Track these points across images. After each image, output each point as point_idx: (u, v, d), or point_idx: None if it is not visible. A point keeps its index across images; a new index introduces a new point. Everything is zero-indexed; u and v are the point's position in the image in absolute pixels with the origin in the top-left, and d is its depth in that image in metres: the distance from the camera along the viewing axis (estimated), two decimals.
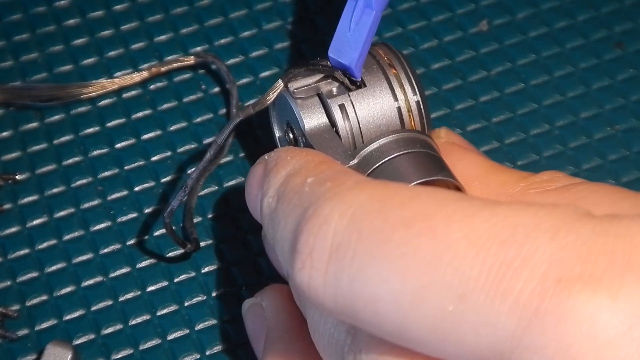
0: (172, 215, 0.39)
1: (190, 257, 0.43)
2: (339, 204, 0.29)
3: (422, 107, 0.38)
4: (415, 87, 0.38)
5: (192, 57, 0.46)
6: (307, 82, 0.38)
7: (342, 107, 0.37)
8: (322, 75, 0.38)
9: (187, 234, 0.42)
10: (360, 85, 0.38)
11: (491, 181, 0.37)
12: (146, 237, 0.43)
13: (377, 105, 0.38)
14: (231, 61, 0.47)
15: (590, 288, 0.25)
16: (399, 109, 0.38)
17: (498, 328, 0.26)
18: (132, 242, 0.43)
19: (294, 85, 0.38)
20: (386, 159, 0.36)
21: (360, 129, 0.37)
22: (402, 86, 0.38)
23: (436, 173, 0.36)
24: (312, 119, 0.37)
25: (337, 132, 0.37)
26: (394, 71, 0.38)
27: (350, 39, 0.37)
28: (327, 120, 0.37)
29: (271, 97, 0.37)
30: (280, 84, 0.37)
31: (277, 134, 0.41)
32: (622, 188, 0.34)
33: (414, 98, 0.38)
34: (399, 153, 0.36)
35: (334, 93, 0.37)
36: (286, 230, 0.30)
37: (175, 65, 0.47)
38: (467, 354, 0.27)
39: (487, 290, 0.26)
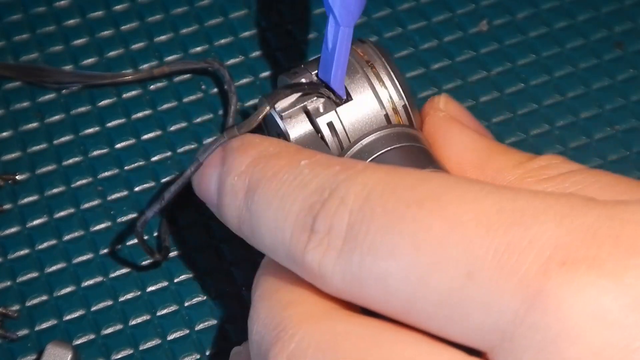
0: (145, 226, 0.39)
1: (161, 266, 0.43)
2: (353, 185, 0.29)
3: (409, 109, 0.38)
4: (401, 90, 0.38)
5: (200, 62, 0.46)
6: (294, 100, 0.38)
7: (330, 125, 0.37)
8: (308, 93, 0.38)
9: (160, 241, 0.42)
10: (346, 98, 0.38)
11: (487, 167, 0.37)
12: (146, 237, 0.43)
13: (365, 117, 0.38)
14: (231, 61, 0.48)
15: (594, 271, 0.26)
16: (386, 116, 0.38)
17: (502, 307, 0.26)
18: (132, 242, 0.43)
19: (280, 106, 0.37)
20: (371, 157, 0.36)
21: (348, 138, 0.37)
22: (389, 97, 0.38)
23: (425, 166, 0.36)
24: (298, 130, 0.37)
25: (322, 138, 0.37)
26: (374, 69, 0.38)
27: (329, 57, 0.37)
28: (313, 129, 0.37)
29: (257, 119, 0.37)
30: (266, 106, 0.37)
31: None
32: (620, 176, 0.34)
33: (400, 103, 0.38)
34: (384, 150, 0.36)
35: (321, 110, 0.37)
36: (287, 211, 0.30)
37: (182, 67, 0.47)
38: (472, 332, 0.27)
39: (493, 269, 0.26)
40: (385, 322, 0.29)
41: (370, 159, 0.36)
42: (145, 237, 0.43)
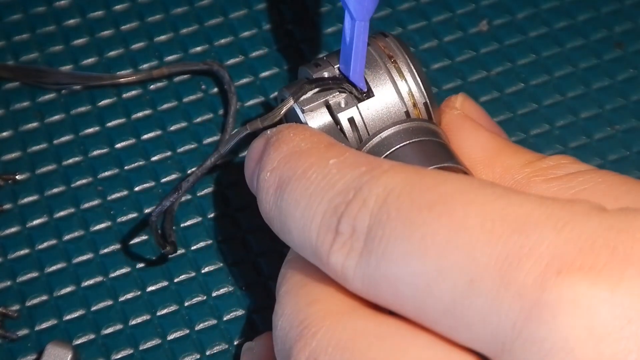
0: (160, 215, 0.39)
1: (168, 260, 0.43)
2: (375, 186, 0.29)
3: (429, 105, 0.38)
4: (421, 86, 0.38)
5: (199, 64, 0.46)
6: (315, 94, 0.38)
7: (351, 120, 0.37)
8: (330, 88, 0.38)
9: (166, 236, 0.42)
10: (368, 94, 0.38)
11: (497, 165, 0.37)
12: (146, 237, 0.43)
13: (386, 114, 0.38)
14: (231, 61, 0.48)
15: (589, 280, 0.25)
16: (406, 112, 0.38)
17: (501, 317, 0.26)
18: (132, 242, 0.43)
19: (302, 99, 0.38)
20: (390, 150, 0.36)
21: (366, 129, 0.37)
22: (410, 92, 0.38)
23: (443, 161, 0.36)
24: (317, 122, 0.37)
25: (341, 130, 0.37)
26: (395, 64, 0.38)
27: (347, 51, 0.37)
28: (331, 119, 0.37)
29: (280, 113, 0.37)
30: (290, 100, 0.37)
31: None
32: (628, 178, 0.34)
33: (420, 99, 0.38)
34: (403, 143, 0.36)
35: (342, 105, 0.37)
36: (314, 210, 0.30)
37: (181, 69, 0.47)
38: (477, 340, 0.27)
39: (494, 277, 0.26)
40: (405, 322, 0.29)
41: (388, 152, 0.36)
42: (144, 238, 0.43)
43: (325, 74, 0.38)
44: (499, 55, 0.47)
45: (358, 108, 0.37)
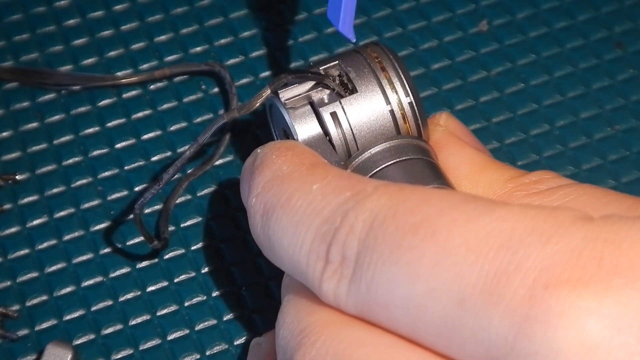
0: (143, 208, 0.39)
1: (159, 255, 0.43)
2: (362, 211, 0.29)
3: (415, 108, 0.38)
4: (408, 88, 0.38)
5: (201, 64, 0.47)
6: (299, 91, 0.38)
7: (333, 115, 0.37)
8: (313, 84, 0.38)
9: (159, 232, 0.42)
10: (352, 90, 0.38)
11: (480, 181, 0.37)
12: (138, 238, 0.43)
13: (370, 110, 0.37)
14: (231, 61, 0.48)
15: (576, 292, 0.25)
16: (391, 112, 0.38)
17: (492, 334, 0.26)
18: (132, 242, 0.43)
19: (285, 96, 0.37)
20: (378, 168, 0.36)
21: (354, 136, 0.37)
22: (394, 88, 0.38)
23: (430, 181, 0.36)
24: (305, 130, 0.37)
25: (330, 141, 0.37)
26: (385, 73, 0.38)
27: (337, 1, 0.36)
28: (320, 130, 0.37)
29: (257, 102, 0.37)
30: (267, 90, 0.37)
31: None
32: (608, 190, 0.34)
33: (406, 100, 0.38)
34: (391, 162, 0.36)
35: (326, 101, 0.37)
36: (302, 239, 0.30)
37: (183, 70, 0.47)
38: (471, 357, 0.27)
39: (483, 296, 0.26)
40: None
41: (377, 170, 0.36)
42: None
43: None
44: (499, 55, 0.47)
45: (341, 103, 0.37)
